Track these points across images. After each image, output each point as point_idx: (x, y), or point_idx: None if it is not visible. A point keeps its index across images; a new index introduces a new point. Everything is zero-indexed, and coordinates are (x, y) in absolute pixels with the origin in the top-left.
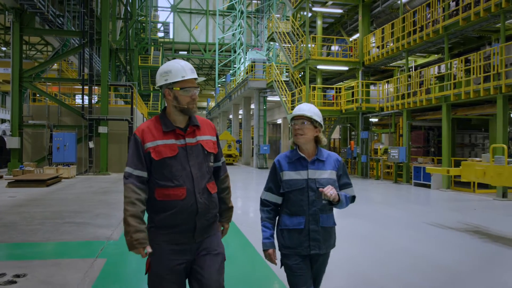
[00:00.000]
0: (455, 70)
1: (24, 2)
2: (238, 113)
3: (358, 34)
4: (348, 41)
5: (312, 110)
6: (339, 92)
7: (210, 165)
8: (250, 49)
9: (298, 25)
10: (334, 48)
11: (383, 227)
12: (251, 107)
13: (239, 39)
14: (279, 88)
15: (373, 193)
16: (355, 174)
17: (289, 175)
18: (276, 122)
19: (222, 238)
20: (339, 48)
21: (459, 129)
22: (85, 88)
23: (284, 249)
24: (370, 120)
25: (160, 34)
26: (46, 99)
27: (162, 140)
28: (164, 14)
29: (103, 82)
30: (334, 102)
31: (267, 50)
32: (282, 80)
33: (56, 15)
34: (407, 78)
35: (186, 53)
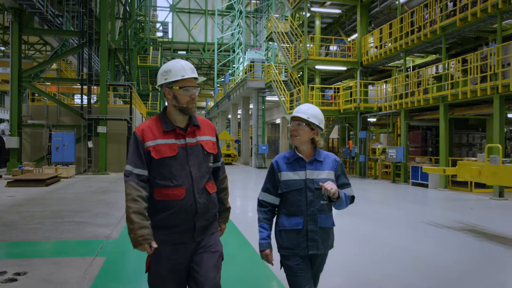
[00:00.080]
0: (453, 70)
1: (23, 2)
2: (237, 112)
3: (356, 34)
4: (346, 41)
5: (310, 111)
6: (338, 92)
7: (210, 165)
8: (249, 49)
9: (297, 25)
10: (333, 48)
11: (381, 227)
12: (250, 107)
13: (238, 39)
14: (278, 88)
15: (371, 192)
16: (353, 174)
17: (287, 176)
18: (275, 122)
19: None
20: (338, 48)
21: (457, 129)
22: (84, 88)
23: (282, 250)
24: (368, 120)
25: (159, 34)
26: (45, 99)
27: (162, 139)
28: (163, 14)
29: (102, 82)
30: (332, 102)
31: (266, 50)
32: (280, 80)
33: (55, 15)
34: (405, 78)
35: (185, 53)
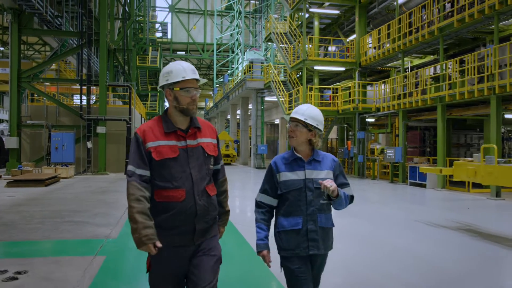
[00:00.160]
0: (450, 71)
1: (22, 3)
2: (236, 113)
3: (355, 35)
4: (345, 42)
5: (308, 112)
6: (336, 92)
7: (210, 167)
8: (248, 49)
9: (296, 25)
10: (331, 48)
11: (380, 227)
12: (249, 107)
13: (237, 39)
14: (277, 88)
15: (369, 192)
16: (352, 174)
17: (286, 176)
18: (273, 122)
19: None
20: (336, 48)
21: (455, 129)
22: (83, 88)
23: (282, 251)
24: (367, 120)
25: (158, 34)
26: (45, 99)
27: (163, 140)
28: (162, 14)
29: (101, 82)
30: (331, 103)
31: (265, 51)
32: (279, 80)
33: (54, 16)
34: (403, 78)
35: (184, 53)
